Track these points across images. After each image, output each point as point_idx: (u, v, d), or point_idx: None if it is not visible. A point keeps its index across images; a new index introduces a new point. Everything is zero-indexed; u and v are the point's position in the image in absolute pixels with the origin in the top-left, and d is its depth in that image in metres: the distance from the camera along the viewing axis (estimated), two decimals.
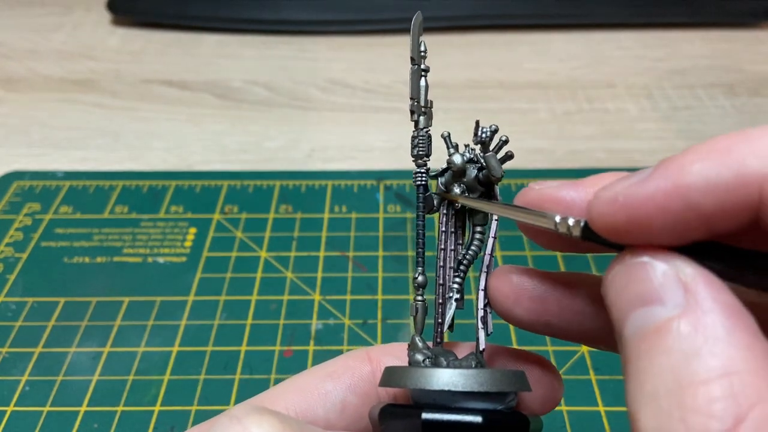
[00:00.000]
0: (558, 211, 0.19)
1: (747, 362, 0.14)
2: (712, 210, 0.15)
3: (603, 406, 0.38)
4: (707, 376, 0.14)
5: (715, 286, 0.15)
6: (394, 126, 0.62)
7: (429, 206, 0.23)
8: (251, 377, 0.39)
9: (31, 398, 0.38)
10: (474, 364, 0.22)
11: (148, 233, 0.49)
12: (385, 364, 0.23)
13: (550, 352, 0.40)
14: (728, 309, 0.15)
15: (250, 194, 0.53)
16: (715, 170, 0.15)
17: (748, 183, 0.15)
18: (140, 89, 0.67)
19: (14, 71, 0.70)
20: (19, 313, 0.43)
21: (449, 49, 0.73)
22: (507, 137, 0.22)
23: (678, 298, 0.15)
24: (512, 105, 0.65)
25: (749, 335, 0.14)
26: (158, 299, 0.44)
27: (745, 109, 0.63)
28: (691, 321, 0.15)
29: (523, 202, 0.20)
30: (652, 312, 0.15)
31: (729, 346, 0.14)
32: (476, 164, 0.22)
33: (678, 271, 0.16)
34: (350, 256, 0.47)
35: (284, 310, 0.43)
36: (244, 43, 0.75)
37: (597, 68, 0.70)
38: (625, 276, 0.16)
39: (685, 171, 0.15)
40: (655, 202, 0.15)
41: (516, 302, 0.21)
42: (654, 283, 0.16)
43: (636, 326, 0.16)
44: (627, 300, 0.16)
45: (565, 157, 0.57)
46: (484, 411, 0.20)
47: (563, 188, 0.19)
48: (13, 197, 0.53)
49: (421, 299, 0.23)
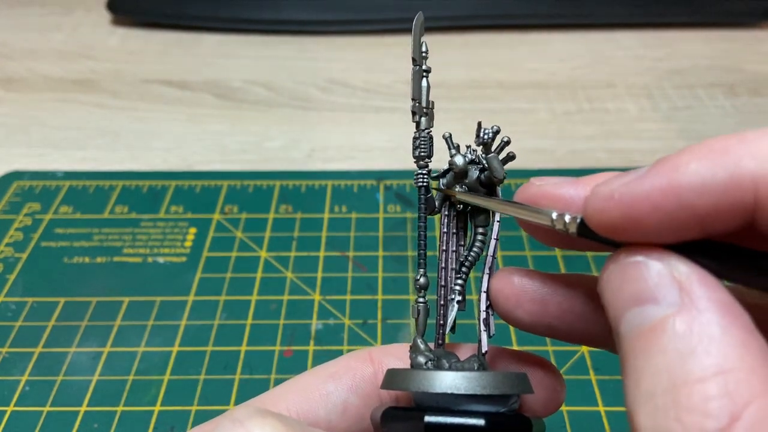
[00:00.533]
0: (557, 208, 0.19)
1: (742, 360, 0.14)
2: (706, 210, 0.15)
3: (603, 406, 0.38)
4: (702, 375, 0.14)
5: (710, 285, 0.15)
6: (394, 126, 0.62)
7: (430, 207, 0.23)
8: (251, 377, 0.39)
9: (31, 398, 0.38)
10: (476, 366, 0.22)
11: (148, 233, 0.49)
12: (387, 365, 0.23)
13: (550, 352, 0.41)
14: (723, 307, 0.15)
15: (250, 194, 0.53)
16: (710, 171, 0.15)
17: (743, 184, 0.15)
18: (140, 89, 0.67)
19: (14, 71, 0.70)
20: (19, 313, 0.43)
21: (449, 49, 0.73)
22: (509, 138, 0.22)
23: (673, 297, 0.15)
24: (512, 105, 0.64)
25: (745, 333, 0.14)
26: (158, 299, 0.44)
27: (745, 109, 0.63)
28: (685, 319, 0.15)
29: (523, 197, 0.20)
30: (647, 311, 0.15)
31: (724, 344, 0.14)
32: (478, 165, 0.22)
33: (673, 270, 0.16)
34: (350, 256, 0.47)
35: (284, 310, 0.43)
36: (244, 43, 0.75)
37: (597, 68, 0.70)
38: (620, 275, 0.17)
39: (681, 170, 0.15)
40: (651, 200, 0.16)
41: (517, 304, 0.21)
42: (648, 282, 0.16)
43: (631, 325, 0.16)
44: (622, 299, 0.16)
45: (566, 157, 0.57)
46: (486, 414, 0.20)
47: (563, 186, 0.19)
48: (13, 197, 0.53)
49: (422, 301, 0.23)
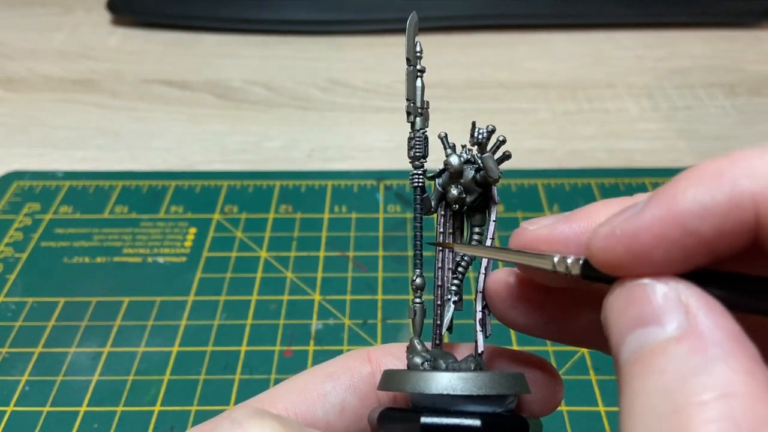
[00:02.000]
0: (556, 250, 0.18)
1: (747, 386, 0.13)
2: (711, 234, 0.15)
3: (603, 406, 0.38)
4: (704, 398, 0.13)
5: (717, 311, 0.15)
6: (394, 126, 0.62)
7: (426, 207, 0.23)
8: (251, 377, 0.39)
9: (31, 398, 0.38)
10: (473, 366, 0.22)
11: (148, 233, 0.49)
12: (385, 365, 0.23)
13: (550, 352, 0.40)
14: (730, 334, 0.14)
15: (250, 194, 0.53)
16: (708, 194, 0.15)
17: (743, 204, 0.15)
18: (140, 89, 0.67)
19: (14, 71, 0.70)
20: (19, 313, 0.43)
21: (449, 49, 0.73)
22: (504, 137, 0.22)
23: (678, 321, 0.15)
24: (512, 105, 0.64)
25: (750, 361, 0.14)
26: (158, 299, 0.44)
27: (746, 109, 0.63)
28: (690, 343, 0.14)
29: (519, 244, 0.20)
30: (650, 333, 0.15)
31: (729, 370, 0.14)
32: (473, 165, 0.22)
33: (680, 294, 0.15)
34: (350, 256, 0.47)
35: (284, 310, 0.43)
36: (244, 43, 0.75)
37: (597, 68, 0.70)
38: (624, 298, 0.16)
39: (679, 198, 0.15)
40: (653, 231, 0.15)
41: (513, 306, 0.21)
42: (653, 304, 0.15)
43: (632, 348, 0.15)
44: (625, 322, 0.16)
45: (566, 157, 0.57)
46: (482, 414, 0.20)
47: (557, 225, 0.19)
48: (13, 197, 0.53)
49: (419, 301, 0.23)
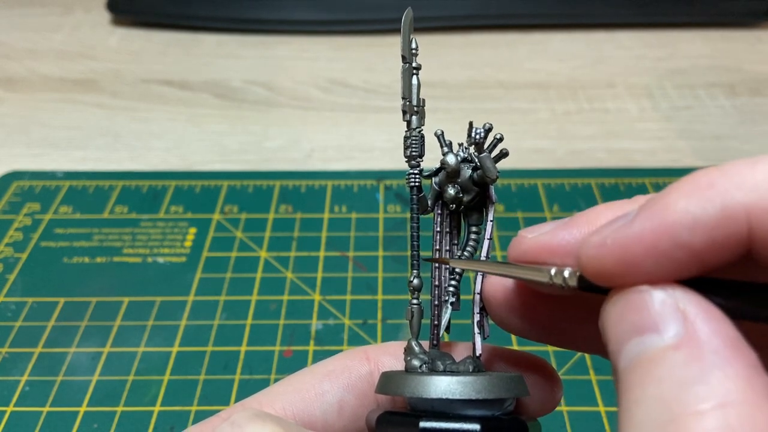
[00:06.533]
0: (556, 259, 0.18)
1: (745, 394, 0.13)
2: (702, 246, 0.15)
3: (603, 406, 0.38)
4: (701, 407, 0.13)
5: (715, 318, 0.15)
6: (394, 126, 0.61)
7: (423, 207, 0.22)
8: (251, 377, 0.39)
9: (31, 398, 0.38)
10: (471, 368, 0.21)
11: (148, 233, 0.49)
12: (383, 364, 0.23)
13: (549, 352, 0.40)
14: (728, 341, 0.14)
15: (250, 194, 0.53)
16: (700, 206, 0.15)
17: (734, 215, 0.15)
18: (140, 89, 0.67)
19: (14, 71, 0.70)
20: (19, 313, 0.43)
21: (449, 49, 0.73)
22: (501, 135, 0.22)
23: (676, 328, 0.15)
24: (512, 105, 0.64)
25: (749, 369, 0.14)
26: (158, 299, 0.44)
27: (746, 109, 0.63)
28: (688, 351, 0.14)
29: (518, 252, 0.19)
30: (648, 340, 0.15)
31: (726, 378, 0.14)
32: (471, 164, 0.22)
33: (677, 301, 0.15)
34: (350, 256, 0.47)
35: (284, 310, 0.43)
36: (244, 43, 0.75)
37: (597, 68, 0.70)
38: (622, 305, 0.16)
39: (671, 209, 0.15)
40: (643, 242, 0.15)
41: (510, 309, 0.21)
42: (651, 311, 0.15)
43: (630, 355, 0.15)
44: (623, 329, 0.16)
45: (566, 157, 0.57)
46: (481, 418, 0.19)
47: (557, 232, 0.19)
48: (13, 197, 0.53)
49: (416, 302, 0.23)
